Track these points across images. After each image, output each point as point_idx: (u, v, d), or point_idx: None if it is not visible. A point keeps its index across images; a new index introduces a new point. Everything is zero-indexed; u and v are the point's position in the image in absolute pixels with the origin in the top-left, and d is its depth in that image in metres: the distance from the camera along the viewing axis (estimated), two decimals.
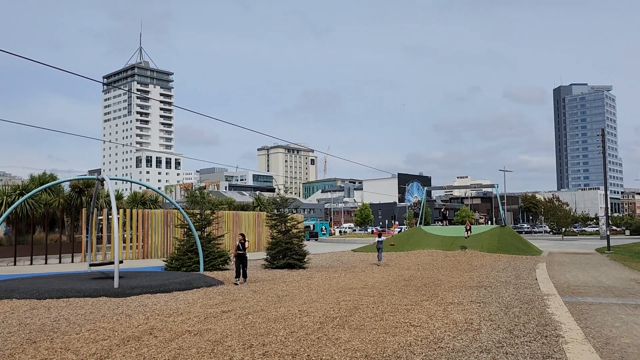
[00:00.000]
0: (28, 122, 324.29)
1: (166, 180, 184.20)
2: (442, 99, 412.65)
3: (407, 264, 23.06)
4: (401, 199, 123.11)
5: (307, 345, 7.58)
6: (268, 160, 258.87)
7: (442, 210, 41.89)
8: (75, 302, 12.31)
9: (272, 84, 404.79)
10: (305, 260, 21.50)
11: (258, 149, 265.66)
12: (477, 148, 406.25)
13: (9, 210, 15.82)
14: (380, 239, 24.11)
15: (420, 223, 38.69)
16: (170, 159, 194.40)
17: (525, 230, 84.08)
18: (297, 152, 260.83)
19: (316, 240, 60.76)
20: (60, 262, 25.20)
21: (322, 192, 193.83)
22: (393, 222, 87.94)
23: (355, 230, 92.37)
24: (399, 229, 69.08)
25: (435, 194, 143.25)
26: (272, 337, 8.17)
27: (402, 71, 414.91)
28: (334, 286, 15.27)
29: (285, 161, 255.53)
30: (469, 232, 30.89)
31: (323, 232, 66.97)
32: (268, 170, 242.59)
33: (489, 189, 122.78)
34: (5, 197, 26.88)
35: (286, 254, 21.17)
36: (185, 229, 20.60)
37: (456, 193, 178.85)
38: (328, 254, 31.16)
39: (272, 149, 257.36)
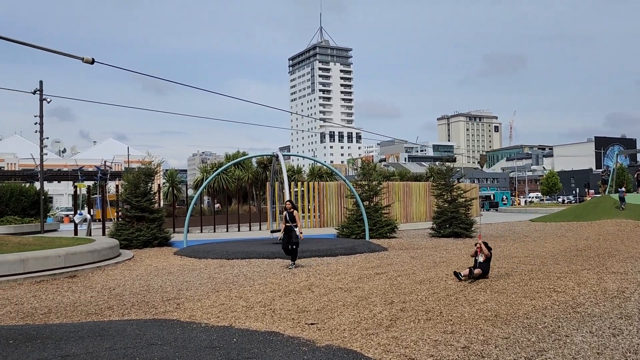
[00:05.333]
0: (228, 105, 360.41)
1: (348, 154, 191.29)
2: None
3: (587, 234, 21.57)
4: (598, 165, 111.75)
5: (444, 304, 8.06)
6: (448, 129, 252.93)
7: (636, 175, 37.49)
8: (255, 262, 14.28)
9: (450, 51, 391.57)
10: (472, 229, 21.41)
11: (438, 119, 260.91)
12: None
13: (205, 182, 18.62)
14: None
15: (608, 191, 35.28)
16: (351, 133, 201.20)
17: None
18: (479, 120, 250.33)
19: (496, 210, 58.66)
20: (250, 230, 28.56)
21: (507, 160, 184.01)
22: (587, 190, 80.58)
23: (542, 200, 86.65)
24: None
25: None
26: (414, 296, 8.79)
27: (595, 21, 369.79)
28: (496, 254, 15.13)
29: (467, 130, 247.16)
30: None
31: (504, 202, 64.27)
32: (449, 140, 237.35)
33: None
34: (205, 172, 31.11)
35: (452, 223, 21.32)
36: (355, 199, 21.91)
37: None
38: (502, 224, 30.26)
39: (453, 117, 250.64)
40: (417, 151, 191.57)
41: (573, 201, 79.70)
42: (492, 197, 63.88)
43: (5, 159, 77.19)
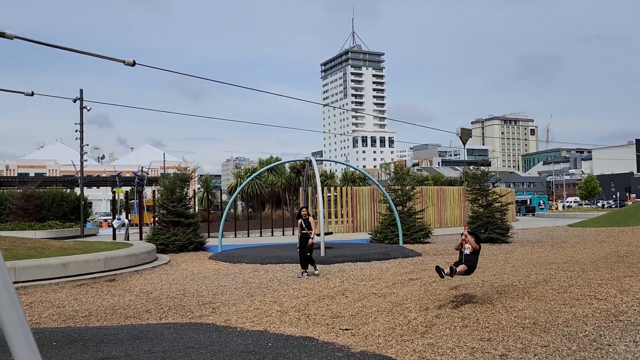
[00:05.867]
0: (260, 111, 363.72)
1: (381, 159, 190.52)
2: None
3: (629, 240, 20.93)
4: None
5: (480, 311, 7.94)
6: (483, 133, 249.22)
7: None
8: (288, 267, 14.35)
9: (483, 53, 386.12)
10: (508, 234, 21.04)
11: (472, 122, 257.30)
12: None
13: (239, 188, 18.84)
14: None
15: None
16: (384, 137, 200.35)
17: None
18: (515, 123, 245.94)
19: (533, 215, 57.50)
20: (283, 235, 28.69)
21: (544, 164, 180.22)
22: (628, 194, 78.18)
23: (581, 204, 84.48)
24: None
25: None
26: (449, 303, 8.68)
27: (633, 21, 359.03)
28: (533, 260, 14.89)
29: (502, 133, 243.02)
30: None
31: (541, 207, 62.96)
32: (483, 144, 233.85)
33: None
34: (239, 178, 31.46)
35: (487, 228, 20.98)
36: (388, 204, 21.82)
37: None
38: (539, 229, 29.63)
39: (487, 121, 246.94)
40: (451, 155, 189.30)
41: (613, 205, 77.43)
42: (528, 202, 62.67)
43: (47, 166, 79.75)
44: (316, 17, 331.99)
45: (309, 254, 12.15)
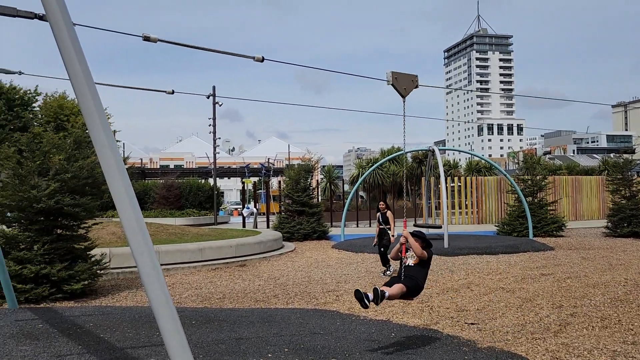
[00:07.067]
0: (381, 101, 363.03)
1: (508, 147, 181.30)
2: None
3: None
4: None
5: (622, 312, 7.32)
6: (626, 117, 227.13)
7: None
8: None
9: (623, 33, 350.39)
10: None
11: (613, 106, 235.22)
12: None
13: (361, 178, 19.01)
14: None
15: None
16: (511, 125, 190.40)
17: None
18: None
19: None
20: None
21: None
22: None
23: None
24: None
25: None
26: (586, 301, 8.09)
27: None
28: None
29: None
30: None
31: None
32: (626, 130, 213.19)
33: None
34: (360, 168, 31.72)
35: (631, 222, 19.15)
36: (516, 195, 20.75)
37: None
38: None
39: (631, 104, 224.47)
40: (588, 142, 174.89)
41: None
42: None
43: (184, 158, 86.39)
44: (438, 3, 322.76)
45: (382, 249, 11.19)
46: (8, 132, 23.66)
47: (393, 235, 11.03)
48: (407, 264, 5.70)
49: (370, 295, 5.19)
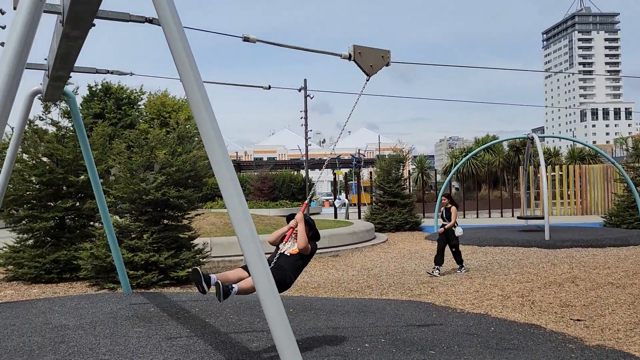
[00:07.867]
0: (475, 88, 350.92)
1: (615, 133, 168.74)
2: None
3: None
4: None
5: None
6: None
7: None
8: (508, 249, 13.72)
9: None
10: None
11: None
12: None
13: (454, 168, 18.56)
14: None
15: None
16: (619, 109, 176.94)
17: None
18: None
19: None
20: (501, 216, 27.43)
21: None
22: None
23: None
24: None
25: None
26: None
27: None
28: None
29: None
30: None
31: None
32: None
33: None
34: (453, 158, 30.95)
35: None
36: (625, 184, 19.34)
37: None
38: None
39: None
40: None
41: None
42: None
43: (277, 150, 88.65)
44: None
45: (452, 249, 10.48)
46: (118, 129, 25.55)
47: (456, 231, 10.42)
48: (282, 251, 4.75)
49: (208, 282, 4.59)
